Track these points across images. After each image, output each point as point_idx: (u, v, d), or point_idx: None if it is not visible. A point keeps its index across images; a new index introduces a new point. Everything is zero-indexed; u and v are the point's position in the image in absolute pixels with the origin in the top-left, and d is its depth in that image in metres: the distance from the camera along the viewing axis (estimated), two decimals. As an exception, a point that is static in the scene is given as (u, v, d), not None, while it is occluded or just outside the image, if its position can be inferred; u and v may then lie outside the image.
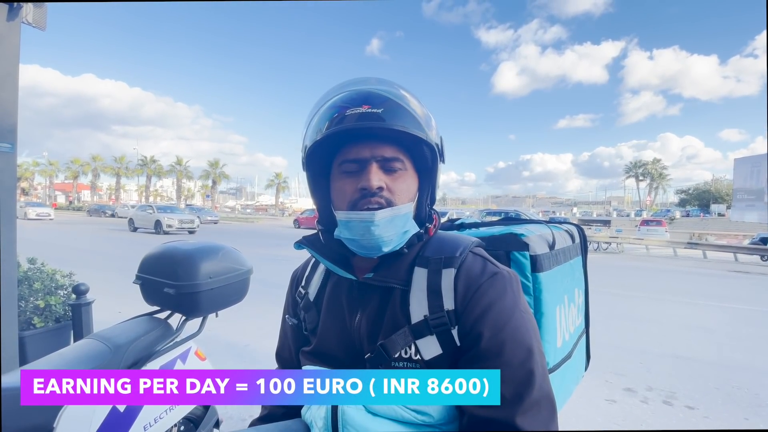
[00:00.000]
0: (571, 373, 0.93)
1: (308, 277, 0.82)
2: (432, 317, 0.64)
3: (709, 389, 2.98)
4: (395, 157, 0.65)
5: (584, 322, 1.09)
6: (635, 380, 3.08)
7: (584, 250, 1.11)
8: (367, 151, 0.65)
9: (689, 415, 2.57)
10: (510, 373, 0.59)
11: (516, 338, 0.61)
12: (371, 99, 0.62)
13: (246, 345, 3.54)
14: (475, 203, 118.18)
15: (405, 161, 0.67)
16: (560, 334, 0.85)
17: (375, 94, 0.63)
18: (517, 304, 0.64)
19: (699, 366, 3.47)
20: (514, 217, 0.99)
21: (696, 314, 5.44)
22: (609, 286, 7.54)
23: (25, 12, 1.99)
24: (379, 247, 0.65)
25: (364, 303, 0.70)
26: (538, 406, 0.59)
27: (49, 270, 2.70)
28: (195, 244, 1.52)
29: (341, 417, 0.66)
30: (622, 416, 2.52)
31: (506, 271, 0.67)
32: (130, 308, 1.66)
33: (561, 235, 0.97)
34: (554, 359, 0.82)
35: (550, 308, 0.81)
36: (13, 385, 1.06)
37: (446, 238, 0.72)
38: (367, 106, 0.62)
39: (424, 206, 0.70)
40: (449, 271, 0.66)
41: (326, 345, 0.74)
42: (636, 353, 3.75)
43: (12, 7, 1.97)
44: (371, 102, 0.62)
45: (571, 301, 0.95)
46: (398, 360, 0.65)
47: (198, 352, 1.60)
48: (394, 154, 0.65)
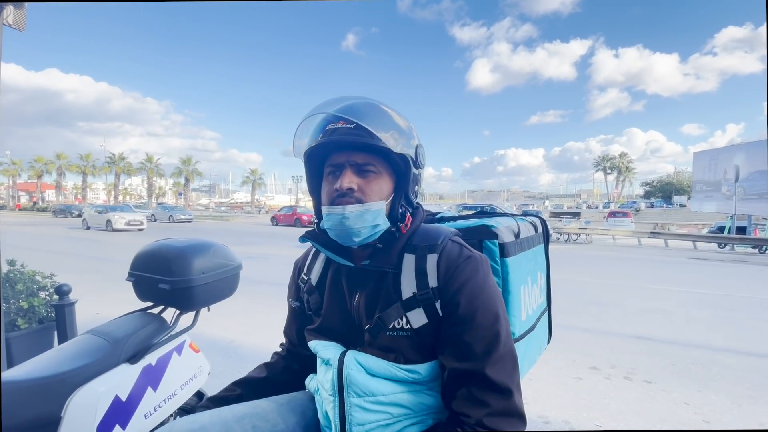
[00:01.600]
0: (535, 344, 1.09)
1: (309, 265, 0.95)
2: (419, 293, 0.77)
3: (666, 365, 3.25)
4: (367, 162, 0.78)
5: (546, 301, 1.25)
6: (599, 359, 3.34)
7: (546, 240, 1.26)
8: (344, 157, 0.78)
9: (647, 388, 2.82)
10: (481, 334, 0.73)
11: (486, 306, 0.75)
12: (347, 115, 0.77)
13: (231, 341, 3.58)
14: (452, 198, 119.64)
15: (378, 165, 0.79)
16: (524, 310, 0.99)
17: (351, 111, 0.78)
18: (487, 281, 0.78)
19: (657, 345, 3.76)
20: (486, 211, 1.13)
21: (656, 298, 5.83)
22: (577, 274, 7.93)
23: (6, 14, 1.98)
24: (350, 236, 0.78)
25: (362, 285, 0.83)
26: (503, 360, 0.73)
27: (30, 271, 2.67)
28: (187, 241, 1.58)
29: (346, 378, 0.79)
30: (587, 392, 2.74)
31: (478, 255, 0.81)
32: (112, 308, 1.70)
33: (525, 226, 1.11)
34: (519, 330, 0.96)
35: (516, 287, 0.95)
36: (17, 378, 1.12)
37: (430, 229, 0.86)
38: (343, 122, 0.77)
39: (398, 205, 0.81)
40: (433, 255, 0.79)
41: (330, 321, 0.86)
42: (600, 334, 4.03)
43: (-11, 9, 1.96)
44: (346, 118, 0.77)
45: (534, 283, 1.10)
46: (392, 330, 0.78)
47: (192, 345, 1.67)
48: (366, 159, 0.78)
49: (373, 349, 0.80)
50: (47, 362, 1.23)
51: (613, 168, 70.72)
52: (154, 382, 1.43)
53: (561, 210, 42.25)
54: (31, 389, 1.11)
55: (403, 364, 0.78)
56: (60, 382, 1.17)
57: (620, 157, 70.78)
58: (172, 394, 1.50)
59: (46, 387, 1.14)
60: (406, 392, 0.78)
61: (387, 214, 0.80)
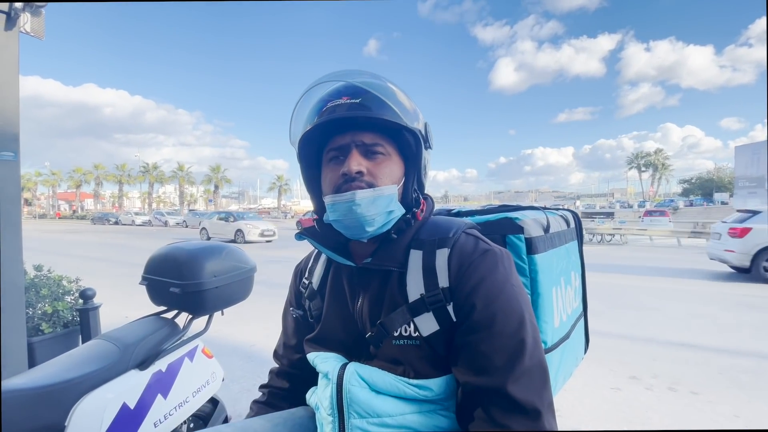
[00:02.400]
0: (570, 354, 0.95)
1: (311, 268, 0.85)
2: (428, 295, 0.66)
3: (713, 375, 2.98)
4: (375, 143, 0.68)
5: (582, 305, 1.11)
6: (640, 368, 3.10)
7: (580, 235, 1.12)
8: (348, 138, 0.68)
9: (694, 400, 2.58)
10: (502, 343, 0.61)
11: (507, 309, 0.63)
12: (350, 91, 0.66)
13: (252, 345, 3.56)
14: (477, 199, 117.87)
15: (387, 147, 0.69)
16: (557, 315, 0.86)
17: (354, 85, 0.67)
18: (509, 278, 0.66)
19: (703, 352, 3.47)
20: (509, 206, 1.00)
21: (699, 301, 5.44)
22: (612, 276, 7.54)
23: (23, 21, 2.01)
24: (362, 226, 0.67)
25: (364, 287, 0.72)
26: (530, 374, 0.60)
27: (56, 276, 2.73)
28: (199, 244, 1.54)
29: (346, 396, 0.68)
30: (627, 404, 2.53)
31: (498, 249, 0.69)
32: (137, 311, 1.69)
33: (555, 219, 0.98)
34: (552, 339, 0.83)
35: (547, 289, 0.82)
36: (23, 386, 1.08)
37: (440, 221, 0.75)
38: (347, 97, 0.66)
39: (410, 190, 0.72)
40: (443, 251, 0.68)
41: (330, 329, 0.76)
42: (639, 341, 3.76)
43: (9, 17, 2.00)
44: (350, 93, 0.66)
45: (568, 284, 0.97)
46: (398, 338, 0.67)
47: (205, 350, 1.62)
48: (374, 140, 0.68)
49: (378, 360, 0.69)
50: (55, 369, 1.20)
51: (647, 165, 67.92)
52: (164, 388, 1.39)
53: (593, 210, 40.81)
54: (35, 397, 1.08)
55: (413, 378, 0.66)
56: (66, 389, 1.14)
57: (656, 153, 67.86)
58: (184, 401, 1.45)
59: (51, 395, 1.11)
60: (416, 413, 0.67)
61: (399, 200, 0.70)
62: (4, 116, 1.95)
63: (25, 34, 2.07)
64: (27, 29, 2.03)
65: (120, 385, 1.25)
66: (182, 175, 57.59)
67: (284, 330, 0.92)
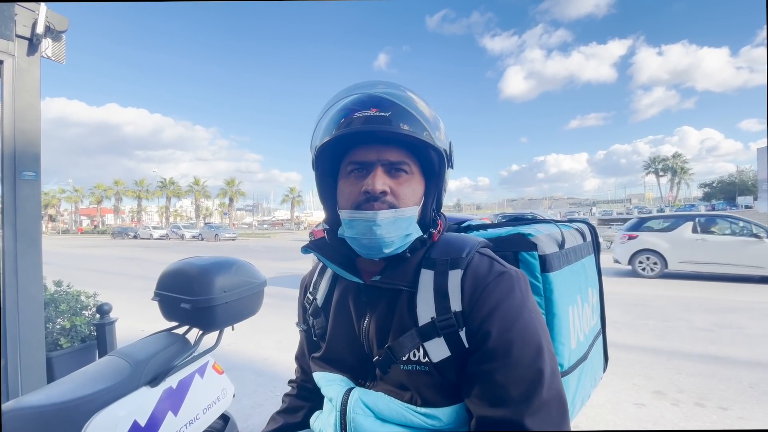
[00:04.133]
0: (588, 375, 0.91)
1: (315, 283, 0.82)
2: (439, 319, 0.63)
3: (744, 389, 2.85)
4: (401, 161, 0.65)
5: (600, 322, 1.06)
6: (664, 383, 2.98)
7: (596, 249, 1.08)
8: (374, 154, 0.65)
9: (723, 416, 2.46)
10: (519, 373, 0.58)
11: (524, 337, 0.60)
12: (380, 102, 0.63)
13: (265, 359, 3.56)
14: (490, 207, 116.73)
15: (411, 165, 0.67)
16: (574, 335, 0.82)
17: (383, 98, 0.63)
18: (525, 303, 0.63)
19: (732, 365, 3.32)
20: (521, 218, 0.97)
21: (727, 311, 5.22)
22: (631, 284, 7.33)
23: (44, 46, 2.09)
24: (380, 247, 0.64)
25: (371, 306, 0.70)
26: (548, 407, 0.57)
27: (75, 291, 2.79)
28: (209, 259, 1.55)
29: (350, 423, 0.65)
30: (652, 420, 2.43)
31: (514, 271, 0.66)
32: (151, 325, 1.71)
33: (571, 233, 0.94)
34: (569, 361, 0.79)
35: (563, 309, 0.78)
36: (37, 404, 1.09)
37: (453, 239, 0.71)
38: (376, 109, 0.62)
39: (429, 211, 0.69)
40: (456, 272, 0.65)
41: (335, 350, 0.74)
42: (663, 354, 3.62)
43: (31, 43, 2.08)
44: (380, 105, 0.62)
45: (585, 301, 0.93)
46: (406, 363, 0.64)
47: (216, 366, 1.62)
48: (400, 158, 0.65)
49: (384, 384, 0.66)
50: (68, 386, 1.21)
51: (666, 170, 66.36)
52: (174, 405, 1.38)
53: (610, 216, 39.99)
54: (47, 415, 1.09)
55: (420, 406, 0.63)
56: (78, 406, 1.14)
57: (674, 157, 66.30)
58: (194, 418, 1.45)
59: (65, 411, 1.11)
60: None
61: (417, 220, 0.68)
62: (26, 138, 2.02)
63: (47, 59, 2.15)
64: (48, 54, 2.10)
65: (131, 403, 1.25)
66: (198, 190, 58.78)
67: (300, 340, 0.91)
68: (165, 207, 60.23)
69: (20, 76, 2.03)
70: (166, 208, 60.08)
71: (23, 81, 2.04)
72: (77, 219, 60.98)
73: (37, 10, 2.00)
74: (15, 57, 2.01)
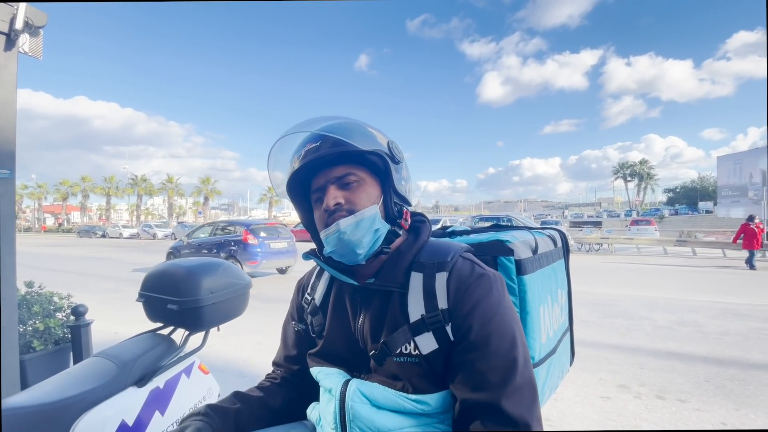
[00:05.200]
0: (557, 367, 1.00)
1: (313, 284, 0.89)
2: (428, 316, 0.71)
3: (700, 382, 3.06)
4: (346, 173, 0.76)
5: (568, 320, 1.16)
6: (628, 377, 3.16)
7: (566, 254, 1.18)
8: (323, 178, 0.77)
9: (681, 408, 2.64)
10: (496, 361, 0.66)
11: (501, 330, 0.68)
12: (311, 138, 0.77)
13: (245, 360, 3.55)
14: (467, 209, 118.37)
15: (358, 173, 0.76)
16: (544, 331, 0.91)
17: (314, 134, 0.77)
18: (502, 301, 0.72)
19: (690, 361, 3.55)
20: (501, 225, 1.07)
21: (686, 310, 5.55)
22: (600, 285, 7.65)
23: (22, 41, 2.05)
24: (354, 250, 0.73)
25: (366, 306, 0.77)
26: (521, 391, 0.65)
27: (47, 292, 2.71)
28: (196, 261, 1.56)
29: (349, 411, 0.72)
30: (616, 412, 2.58)
31: (492, 273, 0.74)
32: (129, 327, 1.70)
33: (543, 240, 1.04)
34: (540, 354, 0.88)
35: (535, 307, 0.87)
36: (24, 404, 1.09)
37: (439, 245, 0.80)
38: (310, 144, 0.76)
39: (391, 205, 0.77)
40: (442, 274, 0.73)
41: (333, 345, 0.81)
42: (628, 350, 3.83)
43: (9, 38, 2.03)
44: (312, 140, 0.76)
45: (555, 301, 1.02)
46: (399, 355, 0.72)
47: (201, 366, 1.63)
48: (344, 171, 0.76)
49: (378, 376, 0.74)
50: (54, 387, 1.21)
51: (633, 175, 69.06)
52: (161, 405, 1.40)
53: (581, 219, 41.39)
54: (35, 415, 1.09)
55: (412, 394, 0.71)
56: (66, 407, 1.15)
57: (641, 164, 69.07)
58: (180, 418, 1.46)
59: (52, 412, 1.12)
60: (415, 426, 0.71)
61: (383, 217, 0.76)
62: (1, 135, 1.97)
63: (23, 54, 2.10)
64: (26, 49, 2.06)
65: (118, 403, 1.26)
66: (171, 187, 57.05)
67: (284, 341, 0.95)
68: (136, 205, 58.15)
69: (-4, 72, 1.98)
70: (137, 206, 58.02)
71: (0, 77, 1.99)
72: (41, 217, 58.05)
73: (16, 6, 1.96)
74: (-9, 52, 1.96)
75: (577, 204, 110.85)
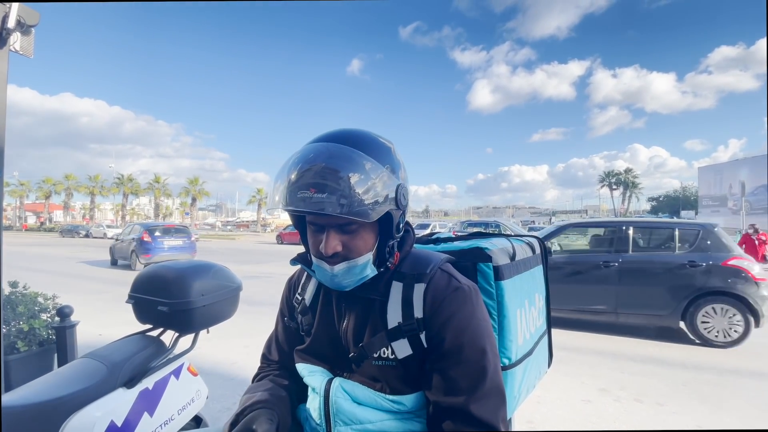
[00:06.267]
0: (533, 368, 1.05)
1: (304, 284, 0.93)
2: (404, 324, 0.76)
3: (678, 387, 3.16)
4: (349, 222, 0.73)
5: (546, 324, 1.22)
6: (609, 381, 3.24)
7: (545, 260, 1.25)
8: (323, 220, 0.73)
9: (659, 411, 2.73)
10: (467, 369, 0.72)
11: (472, 341, 0.73)
12: (319, 185, 0.67)
13: (233, 363, 3.54)
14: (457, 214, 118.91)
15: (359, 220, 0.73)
16: (521, 333, 0.97)
17: (320, 182, 0.68)
18: (474, 313, 0.76)
19: (668, 365, 3.66)
20: (483, 232, 1.12)
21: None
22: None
23: (13, 40, 2.04)
24: (342, 287, 0.78)
25: (350, 310, 0.82)
26: (488, 396, 0.71)
27: (32, 293, 2.68)
28: (187, 263, 1.58)
29: (332, 406, 0.78)
30: (596, 414, 2.66)
31: (467, 286, 0.78)
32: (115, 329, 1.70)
33: (522, 247, 1.10)
34: (516, 355, 0.93)
35: (512, 311, 0.92)
36: (14, 404, 1.10)
37: (420, 255, 0.84)
38: (314, 189, 0.67)
39: (385, 250, 0.79)
40: (420, 285, 0.77)
41: (319, 344, 0.85)
42: (609, 355, 3.93)
43: (0, 37, 2.02)
44: (317, 187, 0.67)
45: (532, 305, 1.08)
46: (377, 359, 0.77)
47: (191, 368, 1.64)
48: (347, 220, 0.72)
49: (358, 376, 0.79)
50: (44, 387, 1.21)
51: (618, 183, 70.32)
52: (150, 406, 1.41)
53: (567, 226, 41.73)
54: (25, 415, 1.10)
55: (389, 394, 0.76)
56: (55, 407, 1.16)
57: (626, 172, 70.36)
58: (169, 419, 1.47)
59: (42, 412, 1.13)
60: (393, 419, 0.77)
61: (374, 261, 0.78)
62: (-10, 134, 1.96)
63: (15, 53, 2.09)
64: (16, 48, 2.05)
65: (108, 404, 1.27)
66: (158, 187, 56.19)
67: (277, 335, 0.98)
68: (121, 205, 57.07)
69: (-14, 71, 1.97)
70: (123, 205, 56.93)
71: (-11, 76, 1.98)
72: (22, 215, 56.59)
73: (8, 5, 1.96)
74: (-19, 51, 1.95)
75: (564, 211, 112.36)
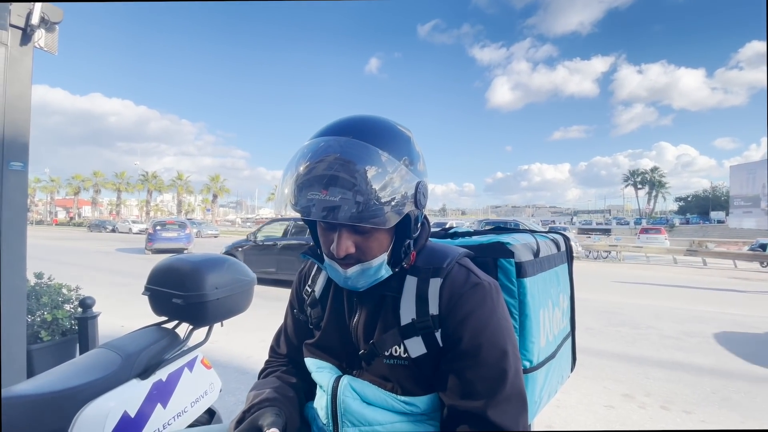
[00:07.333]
0: (556, 372, 0.99)
1: (314, 276, 0.88)
2: (418, 321, 0.70)
3: (707, 394, 3.01)
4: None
5: (570, 326, 1.14)
6: (633, 387, 3.12)
7: (570, 259, 1.16)
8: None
9: (686, 419, 2.60)
10: (485, 372, 0.66)
11: (492, 341, 0.67)
12: (331, 185, 0.61)
13: (248, 357, 3.57)
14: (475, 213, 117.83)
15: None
16: (543, 335, 0.90)
17: (334, 183, 0.61)
18: (495, 311, 0.70)
19: (697, 372, 3.50)
20: (502, 227, 1.05)
21: (694, 320, 5.47)
22: (607, 293, 7.57)
23: (38, 37, 2.09)
24: (355, 288, 0.73)
25: (362, 305, 0.77)
26: (508, 401, 0.65)
27: (56, 284, 2.75)
28: (202, 256, 1.58)
29: (340, 406, 0.73)
30: (620, 422, 2.55)
31: (487, 282, 0.72)
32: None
33: (546, 243, 1.02)
34: (538, 358, 0.87)
35: (534, 311, 0.86)
36: (28, 393, 1.11)
37: (437, 249, 0.78)
38: (326, 191, 0.61)
39: (401, 249, 0.73)
40: (436, 280, 0.71)
41: (328, 340, 0.80)
42: (633, 360, 3.78)
43: (25, 33, 2.07)
44: (330, 188, 0.61)
45: (556, 305, 1.01)
46: (388, 357, 0.72)
47: (204, 361, 1.65)
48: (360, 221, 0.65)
49: (369, 375, 0.74)
50: (59, 376, 1.22)
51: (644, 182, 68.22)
52: (163, 398, 1.41)
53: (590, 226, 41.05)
54: (40, 404, 1.11)
55: (401, 395, 0.71)
56: (69, 396, 1.16)
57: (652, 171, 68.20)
58: (182, 411, 1.48)
59: (56, 401, 1.13)
60: (404, 422, 0.71)
61: (388, 261, 0.72)
62: (15, 128, 2.01)
63: (39, 49, 2.14)
64: (41, 44, 2.10)
65: (121, 394, 1.27)
66: (181, 184, 57.62)
67: (286, 328, 0.94)
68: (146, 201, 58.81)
69: (12, 66, 2.02)
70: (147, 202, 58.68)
71: (15, 71, 2.03)
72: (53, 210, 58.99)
73: (32, 3, 2.00)
74: (8, 46, 2.00)
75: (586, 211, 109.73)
